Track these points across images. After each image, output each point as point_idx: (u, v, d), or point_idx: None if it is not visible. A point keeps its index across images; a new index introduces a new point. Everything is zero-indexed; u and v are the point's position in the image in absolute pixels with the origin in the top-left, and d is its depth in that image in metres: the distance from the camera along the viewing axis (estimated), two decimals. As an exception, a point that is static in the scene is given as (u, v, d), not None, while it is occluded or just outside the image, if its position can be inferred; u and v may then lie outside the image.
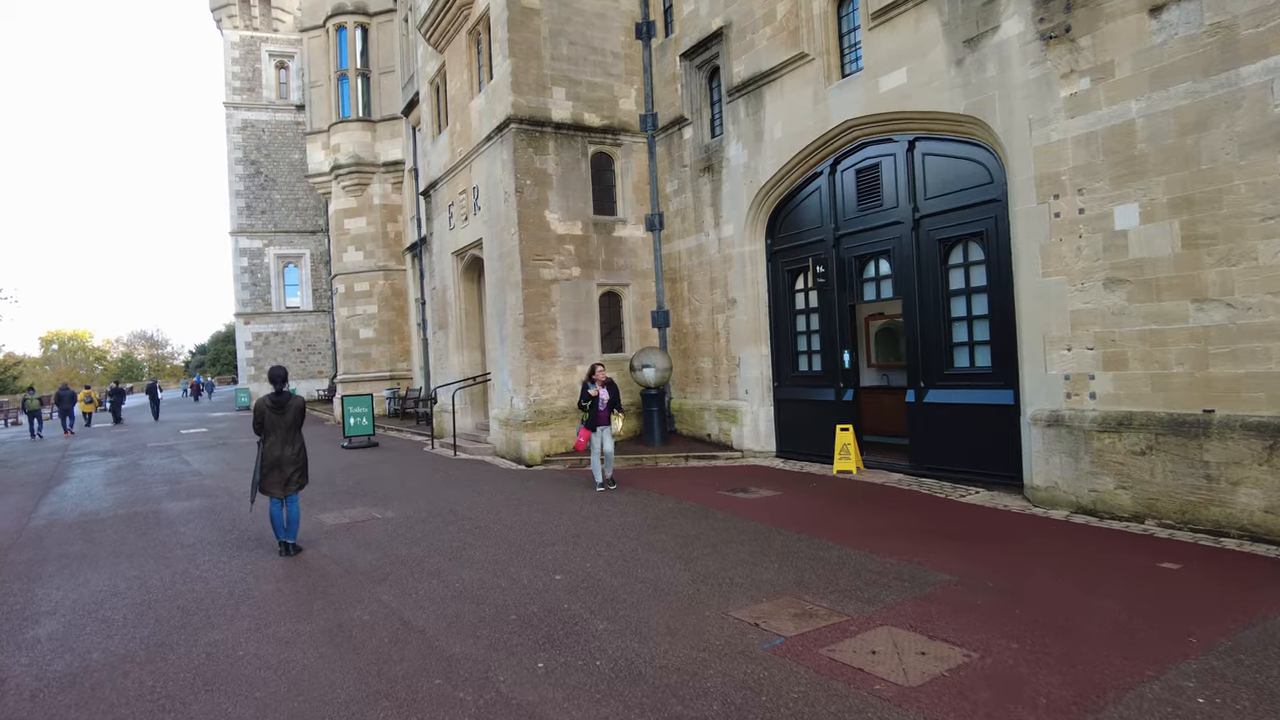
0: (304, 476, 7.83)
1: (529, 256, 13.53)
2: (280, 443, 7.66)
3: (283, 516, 7.69)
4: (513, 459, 13.68)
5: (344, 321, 26.53)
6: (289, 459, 7.65)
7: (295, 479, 7.71)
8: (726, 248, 13.12)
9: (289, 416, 7.73)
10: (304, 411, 7.92)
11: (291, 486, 7.68)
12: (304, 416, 7.92)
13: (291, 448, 7.70)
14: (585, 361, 14.02)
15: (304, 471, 7.83)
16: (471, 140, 15.30)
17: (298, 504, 7.81)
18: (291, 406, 7.77)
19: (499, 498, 10.02)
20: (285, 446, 7.66)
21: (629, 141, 14.67)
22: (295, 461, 7.71)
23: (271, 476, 7.61)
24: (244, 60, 39.49)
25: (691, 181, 13.90)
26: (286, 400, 7.74)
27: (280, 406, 7.69)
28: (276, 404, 7.69)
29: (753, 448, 12.72)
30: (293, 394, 7.86)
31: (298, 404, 7.85)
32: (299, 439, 7.82)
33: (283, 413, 7.69)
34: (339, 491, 11.05)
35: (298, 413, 7.81)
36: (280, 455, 7.63)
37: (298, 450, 7.76)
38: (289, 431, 7.71)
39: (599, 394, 10.07)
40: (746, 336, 12.81)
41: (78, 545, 8.53)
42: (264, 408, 7.71)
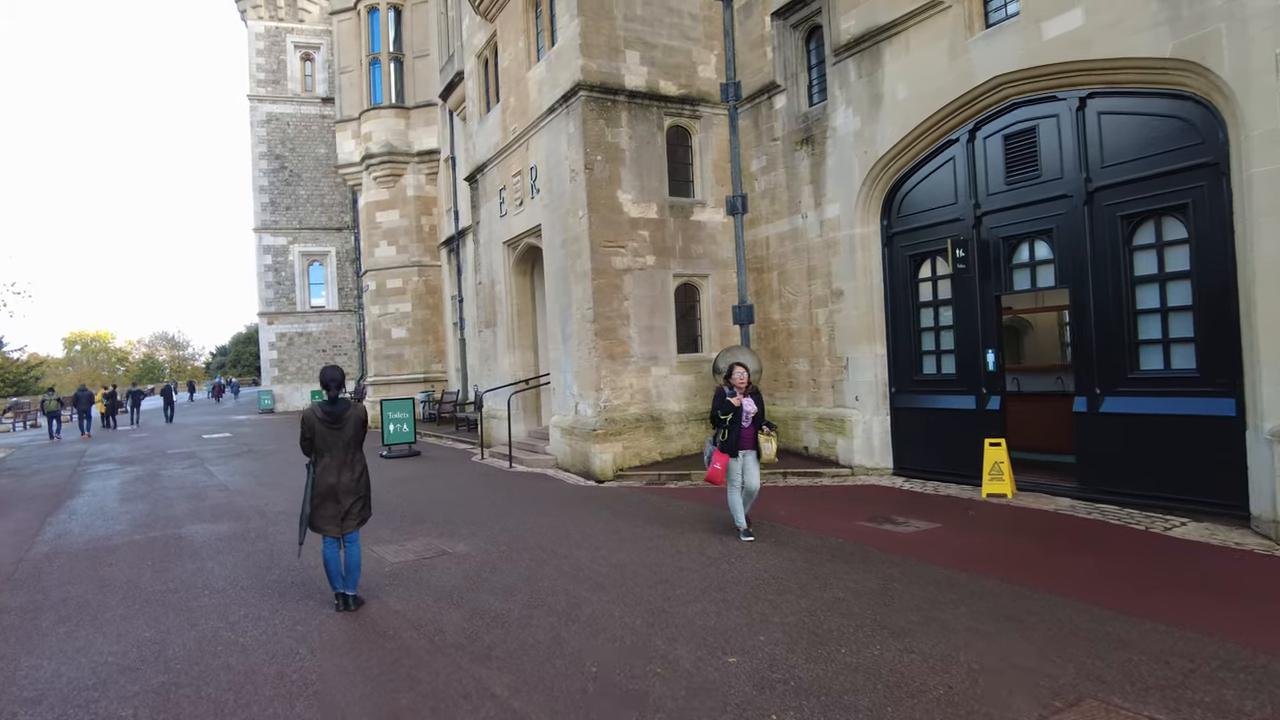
0: (366, 508, 6.08)
1: (599, 243, 11.82)
2: (336, 466, 5.90)
3: (340, 561, 5.96)
4: (579, 473, 11.97)
5: (375, 320, 24.97)
6: (347, 487, 5.91)
7: (355, 512, 5.97)
8: (831, 231, 11.34)
9: (347, 432, 5.93)
10: (365, 424, 6.12)
11: (351, 521, 5.94)
12: (365, 431, 6.15)
13: (351, 472, 5.94)
14: (660, 363, 12.30)
15: (366, 502, 6.08)
16: (529, 115, 13.64)
17: (359, 544, 6.08)
18: (350, 419, 5.96)
19: (587, 526, 8.29)
20: (343, 471, 5.91)
21: (708, 113, 12.94)
22: (355, 490, 5.96)
23: (325, 510, 5.87)
24: (268, 52, 38.23)
25: (784, 157, 12.15)
26: (343, 411, 5.93)
27: (335, 419, 5.90)
28: (330, 415, 5.89)
29: (864, 463, 10.92)
30: (350, 402, 6.07)
31: (358, 416, 6.04)
32: (360, 460, 6.05)
33: (339, 427, 5.90)
34: (393, 515, 9.37)
35: (358, 426, 6.01)
36: (336, 482, 5.88)
37: (358, 475, 6.00)
38: (347, 451, 5.95)
39: (742, 405, 7.42)
40: (857, 334, 11.02)
41: (83, 586, 6.89)
42: (314, 420, 5.94)
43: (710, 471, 7.50)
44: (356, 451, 6.03)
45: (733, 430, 7.45)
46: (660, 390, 12.26)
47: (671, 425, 12.19)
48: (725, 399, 7.46)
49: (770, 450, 7.78)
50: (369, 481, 6.13)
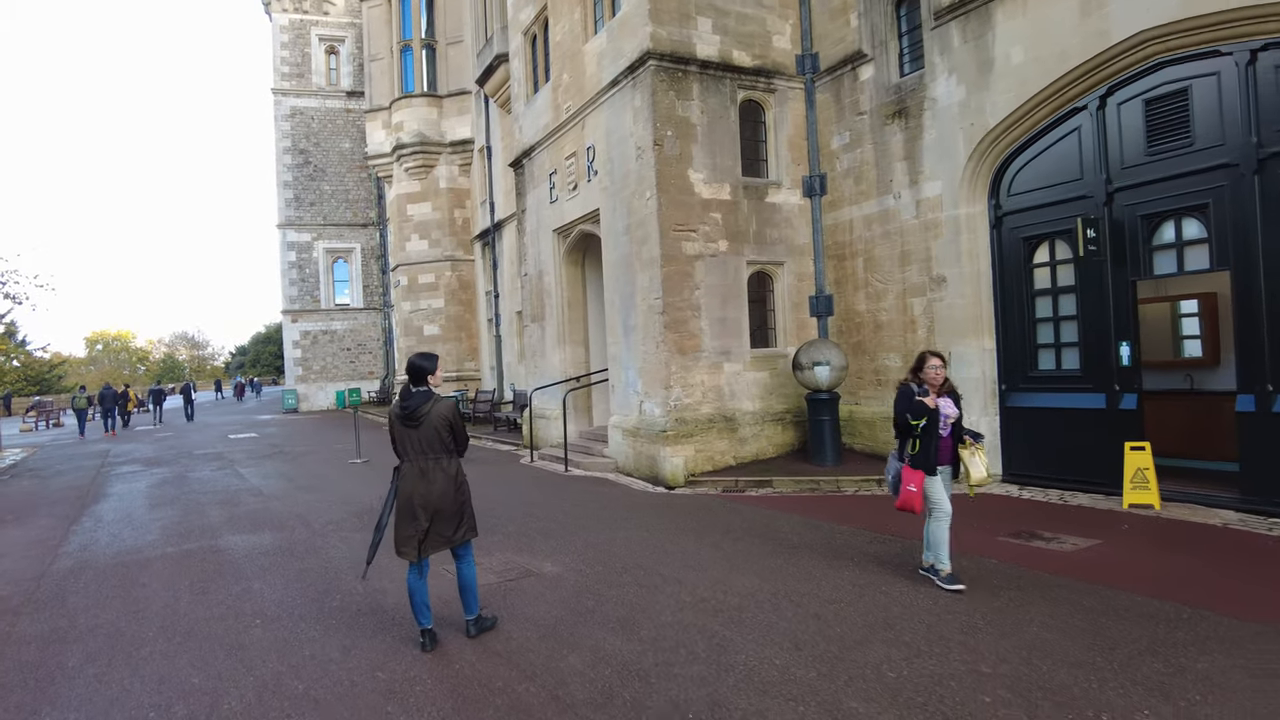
0: (459, 527, 4.90)
1: (669, 226, 10.78)
2: (416, 474, 4.81)
3: (425, 590, 4.87)
4: (644, 478, 10.92)
5: (406, 317, 24.07)
6: (425, 500, 4.77)
7: (442, 533, 4.82)
8: (929, 212, 10.24)
9: (425, 431, 4.78)
10: (453, 424, 4.88)
11: (434, 544, 4.82)
12: (454, 431, 4.89)
13: (428, 483, 4.79)
14: (733, 358, 11.23)
15: (456, 521, 4.87)
16: (585, 91, 12.62)
17: (470, 560, 4.99)
18: (431, 416, 4.79)
19: (682, 542, 7.23)
20: (419, 481, 4.79)
21: (783, 87, 11.86)
22: (441, 504, 4.79)
23: (403, 528, 4.81)
24: (293, 45, 37.53)
25: (872, 132, 11.05)
26: (419, 405, 4.79)
27: (411, 415, 4.79)
28: (406, 411, 4.82)
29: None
30: (434, 395, 4.91)
31: (442, 412, 4.84)
32: (444, 468, 4.85)
33: (415, 425, 4.79)
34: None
35: (443, 425, 4.82)
36: (413, 491, 4.79)
37: (442, 487, 4.81)
38: (426, 456, 4.81)
39: (938, 406, 5.57)
40: (961, 326, 9.91)
41: (113, 611, 5.92)
42: (392, 417, 4.95)
43: (904, 496, 5.52)
44: (441, 457, 4.86)
45: (928, 440, 5.54)
46: (733, 388, 11.19)
47: (745, 426, 11.12)
48: (914, 399, 5.58)
49: (980, 468, 5.72)
50: (462, 496, 4.93)
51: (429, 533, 4.80)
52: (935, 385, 5.66)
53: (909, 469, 5.55)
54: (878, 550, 6.59)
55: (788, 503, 9.04)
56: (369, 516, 9.03)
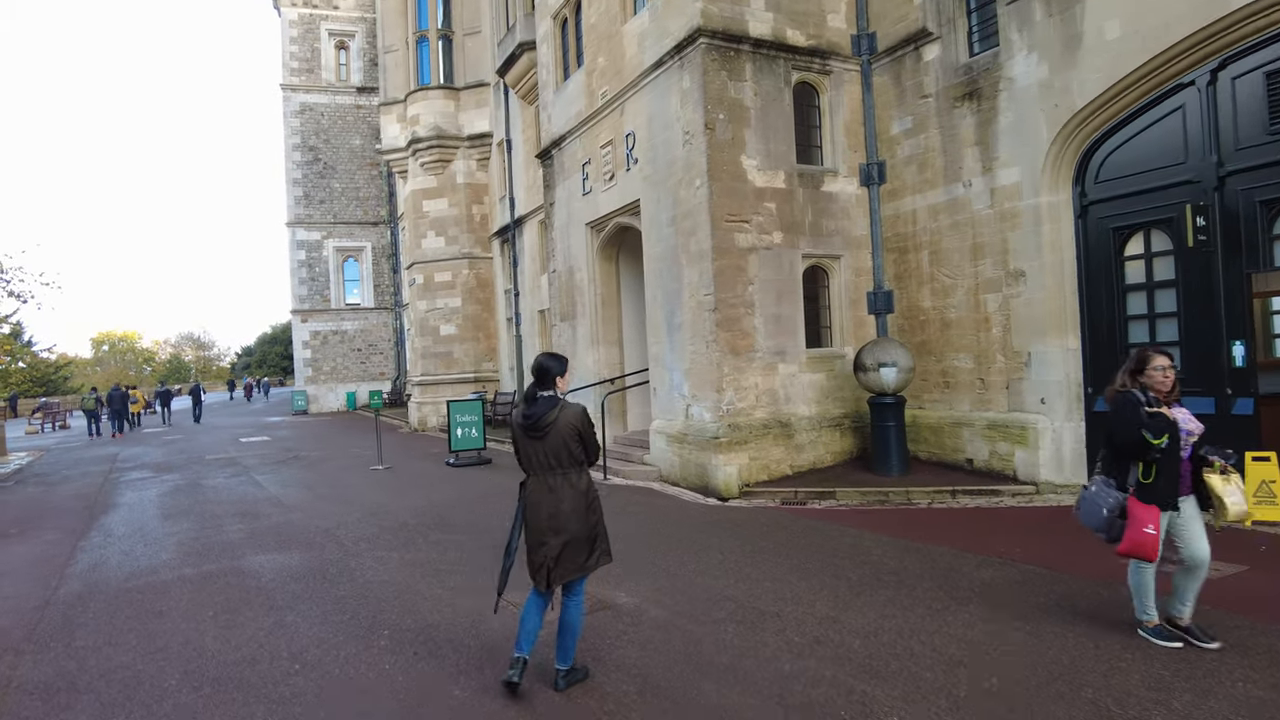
0: (592, 552, 4.24)
1: (721, 217, 10.00)
2: (543, 490, 4.18)
3: (536, 619, 4.26)
4: (693, 488, 10.15)
5: (422, 316, 23.31)
6: (557, 519, 4.13)
7: (573, 558, 4.16)
8: (1006, 200, 9.44)
9: (552, 441, 4.13)
10: (582, 432, 4.20)
11: (565, 570, 4.16)
12: (584, 441, 4.22)
13: (555, 500, 4.15)
14: (788, 359, 10.45)
15: (587, 547, 4.21)
16: (624, 75, 11.85)
17: (580, 598, 4.28)
18: (558, 425, 4.13)
19: (767, 567, 6.44)
20: (549, 497, 4.16)
21: (839, 68, 11.08)
22: (572, 525, 4.14)
23: (533, 553, 4.21)
24: (302, 40, 36.89)
25: (938, 116, 10.26)
26: (543, 413, 4.13)
27: (534, 424, 4.14)
28: (528, 419, 4.17)
29: (1051, 479, 9.01)
30: (560, 401, 4.22)
31: (570, 420, 4.16)
32: (572, 485, 4.18)
33: (539, 435, 4.15)
34: (503, 545, 7.58)
35: (571, 435, 4.15)
36: (541, 510, 4.16)
37: (576, 502, 4.17)
38: (555, 470, 4.17)
39: (1177, 419, 4.32)
40: (1042, 323, 9.12)
41: (128, 650, 5.16)
42: (516, 429, 4.30)
43: (1135, 539, 4.23)
44: (570, 470, 4.19)
45: (1168, 465, 4.25)
46: (788, 391, 10.41)
47: (801, 433, 10.34)
48: (1145, 410, 4.26)
49: (1240, 500, 4.39)
50: (594, 515, 4.25)
51: (560, 558, 4.14)
52: (1164, 392, 4.37)
53: (1139, 503, 4.29)
54: (992, 577, 5.80)
55: (858, 517, 8.25)
56: (403, 533, 8.27)
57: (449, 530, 8.34)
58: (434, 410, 22.98)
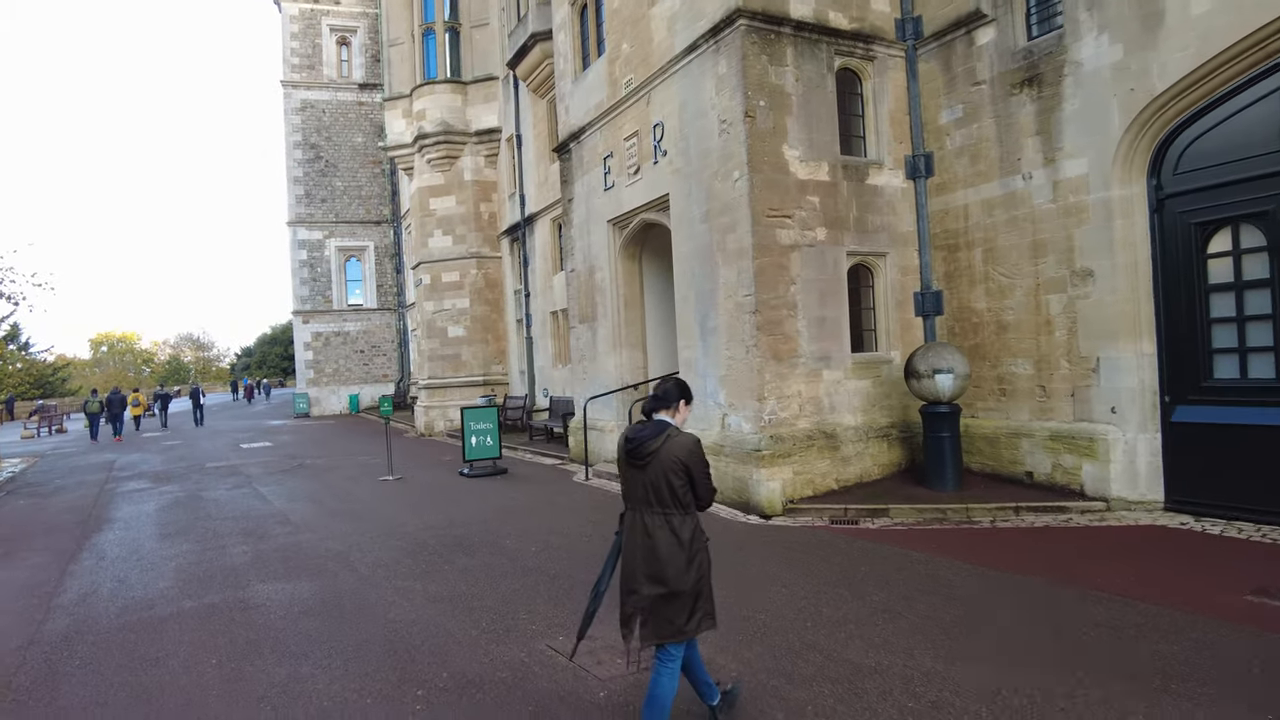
0: (691, 614, 3.51)
1: (762, 211, 9.29)
2: (639, 530, 3.54)
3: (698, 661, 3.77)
4: (732, 504, 9.43)
5: (429, 318, 22.60)
6: (651, 567, 3.48)
7: (668, 617, 3.48)
8: (1071, 194, 8.73)
9: (653, 473, 3.49)
10: (690, 468, 3.52)
11: (658, 629, 3.49)
12: (691, 478, 3.54)
13: (655, 543, 3.49)
14: (833, 364, 9.74)
15: (691, 604, 3.51)
16: (652, 61, 11.14)
17: (673, 669, 3.57)
18: (661, 455, 3.49)
19: (837, 601, 5.71)
20: (644, 540, 3.51)
21: (883, 54, 10.37)
22: (667, 577, 3.46)
23: (623, 601, 3.59)
24: (303, 35, 36.20)
25: (993, 104, 9.55)
26: (650, 437, 3.52)
27: (637, 450, 3.53)
28: (631, 445, 3.56)
29: (1123, 495, 8.30)
30: (669, 427, 3.59)
31: (675, 452, 3.50)
32: (680, 527, 3.50)
33: (641, 463, 3.53)
34: (536, 572, 6.86)
35: (675, 469, 3.49)
36: (634, 553, 3.54)
37: (673, 552, 3.47)
38: (653, 508, 3.51)
39: None
40: (1113, 326, 8.40)
41: (120, 709, 4.44)
42: (619, 452, 3.69)
43: None
44: (671, 512, 3.50)
45: None
46: (833, 400, 9.70)
47: (848, 444, 9.63)
48: None
49: None
50: (697, 571, 3.53)
51: (654, 614, 3.48)
52: None
53: None
54: (1106, 618, 5.07)
55: (920, 539, 7.54)
56: (423, 557, 7.56)
57: (472, 553, 7.62)
58: (441, 414, 22.29)
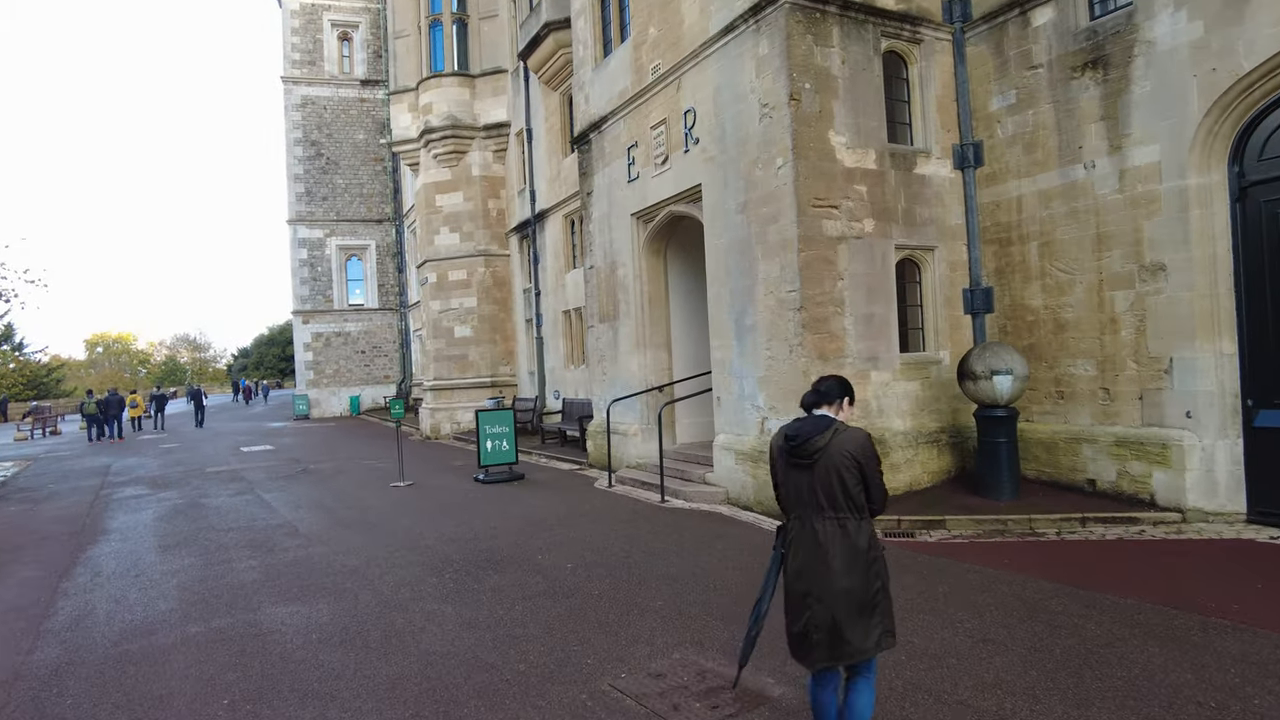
0: (869, 631, 3.19)
1: (807, 201, 8.68)
2: (807, 540, 3.24)
3: (834, 708, 3.35)
4: (775, 515, 8.80)
5: (435, 317, 21.96)
6: (824, 580, 3.18)
7: (845, 635, 3.16)
8: (1140, 183, 8.14)
9: (822, 473, 3.19)
10: (863, 465, 3.19)
11: (833, 649, 3.18)
12: (865, 477, 3.20)
13: (828, 553, 3.18)
14: (881, 365, 9.14)
15: (867, 619, 3.19)
16: (683, 45, 10.53)
17: (867, 684, 3.30)
18: (830, 452, 3.18)
19: (926, 629, 5.08)
20: (815, 550, 3.20)
21: (930, 37, 9.79)
22: (844, 590, 3.16)
23: (792, 619, 3.29)
24: (304, 31, 35.56)
25: (1050, 89, 8.96)
26: (815, 433, 3.21)
27: (800, 447, 3.23)
28: (794, 442, 3.26)
29: (1201, 506, 7.70)
30: (836, 423, 3.26)
31: (847, 447, 3.19)
32: (855, 533, 3.20)
33: (806, 462, 3.23)
34: (579, 594, 6.24)
35: (848, 467, 3.17)
36: (803, 566, 3.24)
37: (850, 561, 3.17)
38: (824, 512, 3.20)
39: None
40: (1188, 325, 7.81)
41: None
42: (776, 452, 3.41)
43: None
44: (846, 516, 3.19)
45: None
46: (881, 403, 9.10)
47: (897, 450, 9.01)
48: None
49: None
50: (876, 581, 3.22)
51: (830, 632, 3.18)
52: None
53: None
54: (1244, 650, 4.45)
55: (987, 554, 6.92)
56: (449, 574, 6.93)
57: (502, 570, 6.99)
58: (448, 417, 21.66)
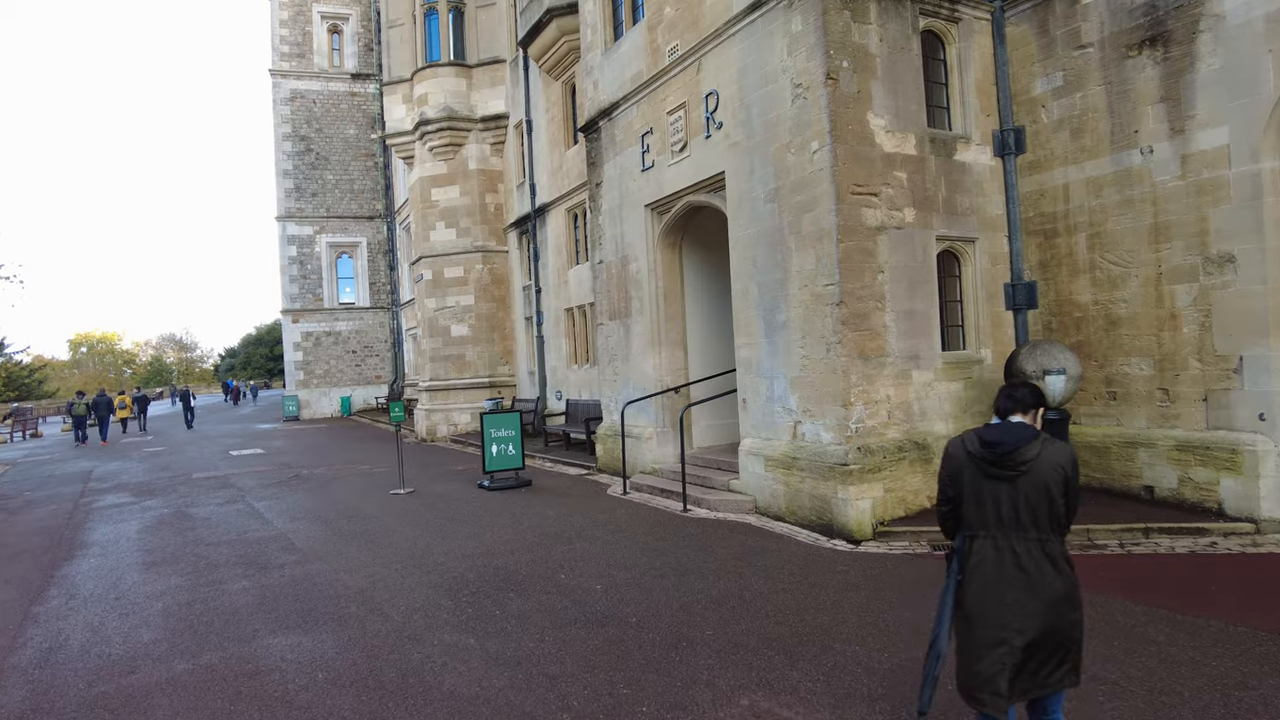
0: (1061, 663, 2.91)
1: (846, 188, 8.06)
2: (1007, 562, 2.92)
3: None
4: (809, 525, 8.21)
5: (431, 315, 21.24)
6: (1027, 608, 2.87)
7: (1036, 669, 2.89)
8: (1206, 168, 7.57)
9: (1030, 487, 2.91)
10: (1069, 483, 2.92)
11: (1025, 684, 2.89)
12: (1068, 496, 2.93)
13: (1033, 579, 2.88)
14: (922, 364, 8.54)
15: (1064, 650, 2.91)
16: (703, 25, 9.90)
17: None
18: (1041, 465, 2.90)
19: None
20: (1017, 575, 2.90)
21: (969, 16, 9.20)
22: (1047, 620, 2.86)
23: (983, 653, 2.91)
24: (293, 22, 34.72)
25: (1102, 69, 8.39)
26: (1023, 442, 2.93)
27: (1008, 456, 2.92)
28: (1000, 451, 2.95)
29: (1276, 516, 7.14)
30: (1040, 434, 2.98)
31: (1058, 460, 2.92)
32: (1057, 554, 2.92)
33: (1011, 474, 2.93)
34: (615, 621, 5.59)
35: (1056, 483, 2.90)
36: (1002, 592, 2.91)
37: (1057, 588, 2.88)
38: (1028, 533, 2.91)
39: None
40: (1259, 321, 7.24)
41: None
42: (961, 459, 3.10)
43: None
44: (1049, 538, 2.92)
45: None
46: (923, 405, 8.50)
47: (940, 457, 8.40)
48: None
49: None
50: (1077, 611, 2.92)
51: (1026, 668, 2.89)
52: None
53: None
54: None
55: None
56: (466, 597, 6.27)
57: (524, 592, 6.33)
58: (444, 418, 20.95)
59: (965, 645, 3.00)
